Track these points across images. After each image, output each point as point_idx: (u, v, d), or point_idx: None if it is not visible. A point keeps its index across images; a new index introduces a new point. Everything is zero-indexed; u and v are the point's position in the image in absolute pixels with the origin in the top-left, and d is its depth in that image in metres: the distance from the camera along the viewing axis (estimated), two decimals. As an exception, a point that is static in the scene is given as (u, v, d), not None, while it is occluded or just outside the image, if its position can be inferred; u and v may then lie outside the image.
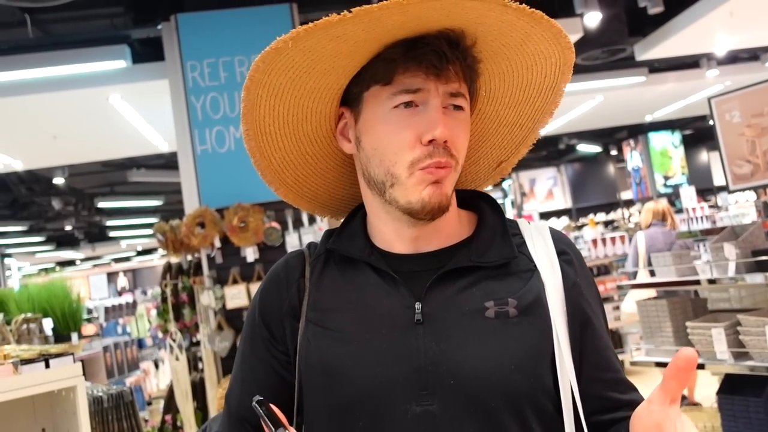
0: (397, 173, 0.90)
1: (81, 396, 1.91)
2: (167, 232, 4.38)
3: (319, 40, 0.84)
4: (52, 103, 6.07)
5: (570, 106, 9.51)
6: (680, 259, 3.17)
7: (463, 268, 0.93)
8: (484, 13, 0.84)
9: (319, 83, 0.92)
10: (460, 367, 0.86)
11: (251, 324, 1.02)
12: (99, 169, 10.38)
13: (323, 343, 0.92)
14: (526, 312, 0.90)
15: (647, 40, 7.07)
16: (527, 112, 1.02)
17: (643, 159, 13.16)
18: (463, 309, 0.90)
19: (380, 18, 0.81)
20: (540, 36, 0.90)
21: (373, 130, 0.92)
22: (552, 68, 0.96)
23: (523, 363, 0.88)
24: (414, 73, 0.88)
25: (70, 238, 18.24)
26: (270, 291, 1.02)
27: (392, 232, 0.96)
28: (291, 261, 1.03)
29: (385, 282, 0.93)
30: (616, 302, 6.86)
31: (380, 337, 0.90)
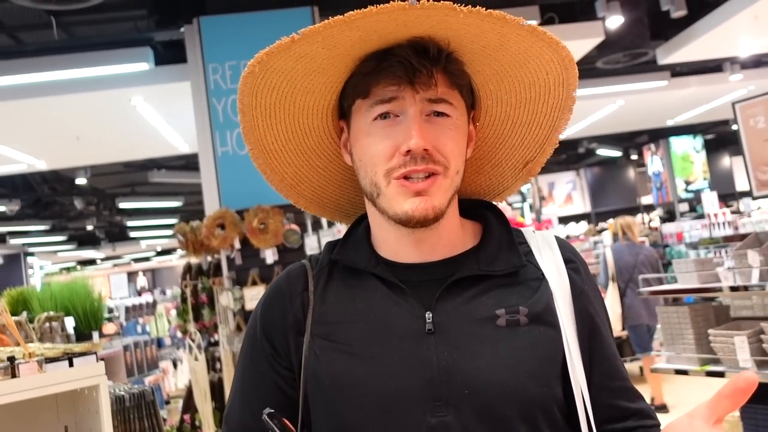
0: (378, 183, 0.91)
1: (104, 395, 1.93)
2: (188, 233, 4.42)
3: (286, 61, 0.87)
4: (75, 105, 6.15)
5: (590, 110, 9.44)
6: (702, 266, 3.14)
7: (472, 277, 0.92)
8: (442, 19, 0.82)
9: (306, 101, 0.95)
10: (474, 377, 0.86)
11: (252, 339, 1.00)
12: (120, 169, 10.49)
13: (332, 356, 0.91)
14: (536, 320, 0.90)
15: (669, 43, 7.00)
16: (542, 110, 0.99)
17: (664, 163, 13.03)
18: (474, 318, 0.90)
19: (333, 35, 0.83)
20: (516, 35, 0.87)
21: (358, 143, 0.93)
22: (551, 64, 0.93)
23: (536, 371, 0.88)
24: (386, 85, 0.88)
25: (91, 237, 18.45)
26: (272, 305, 0.99)
27: (396, 240, 0.95)
28: (293, 274, 1.01)
29: (392, 292, 0.92)
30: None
31: (391, 349, 0.88)
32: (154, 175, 10.41)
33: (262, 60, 0.87)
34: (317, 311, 0.95)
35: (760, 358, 2.74)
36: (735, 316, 3.21)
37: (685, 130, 12.66)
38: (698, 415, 0.72)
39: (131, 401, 2.22)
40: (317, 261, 1.01)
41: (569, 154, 14.16)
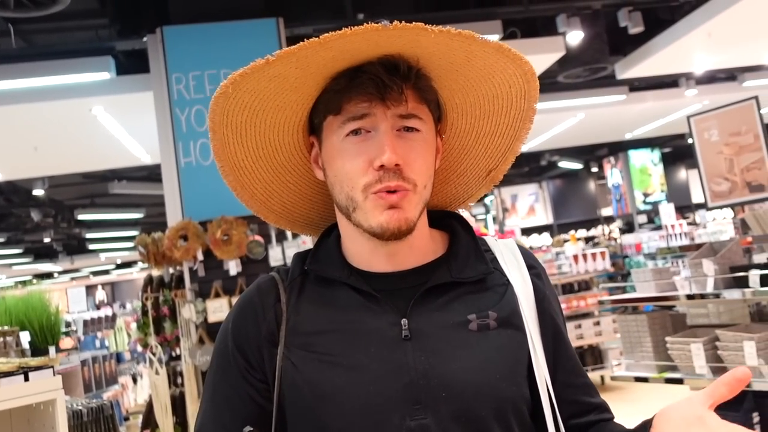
0: (355, 198, 0.92)
1: (60, 410, 1.89)
2: (149, 244, 4.35)
3: (258, 81, 0.89)
4: (34, 114, 6.02)
5: (552, 123, 9.61)
6: (660, 275, 3.21)
7: (445, 284, 0.96)
8: (412, 38, 0.86)
9: (277, 118, 0.97)
10: (451, 380, 0.89)
11: (223, 354, 0.99)
12: (79, 180, 10.28)
13: (310, 366, 0.92)
14: (504, 324, 0.95)
15: (628, 59, 7.19)
16: (504, 121, 1.04)
17: (623, 176, 13.33)
18: (447, 323, 0.93)
19: (307, 56, 0.86)
20: (483, 52, 0.91)
21: (332, 159, 0.95)
22: (514, 78, 0.97)
23: (506, 372, 0.93)
24: (358, 101, 0.91)
25: (48, 250, 18.01)
26: (244, 318, 0.99)
27: (369, 252, 0.97)
28: (264, 286, 1.01)
29: (367, 301, 0.94)
30: (597, 318, 6.91)
31: (369, 356, 0.91)
32: (115, 186, 10.23)
33: (235, 81, 0.89)
34: (292, 322, 0.96)
35: (715, 364, 2.81)
36: (691, 324, 3.29)
37: (643, 143, 12.99)
38: (696, 399, 0.77)
39: (89, 416, 2.17)
40: (287, 272, 1.02)
41: (532, 167, 14.37)
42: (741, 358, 2.68)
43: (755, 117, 3.13)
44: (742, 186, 3.17)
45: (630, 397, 6.34)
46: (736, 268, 2.85)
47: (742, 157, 3.17)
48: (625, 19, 6.05)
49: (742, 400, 2.75)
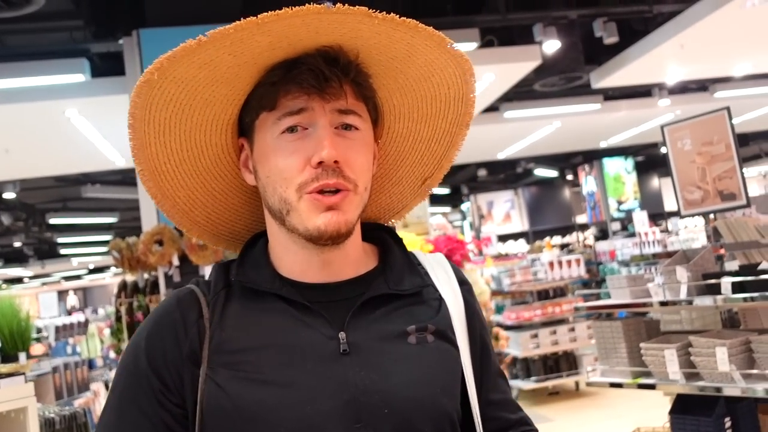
0: (289, 199, 0.87)
1: (32, 417, 1.86)
2: (123, 249, 4.29)
3: (188, 68, 0.82)
4: (6, 116, 5.93)
5: (528, 131, 9.71)
6: (634, 282, 3.25)
7: (382, 296, 0.92)
8: (354, 26, 0.82)
9: (205, 115, 0.89)
10: (392, 395, 0.86)
11: (133, 375, 0.88)
12: (52, 184, 10.13)
13: (238, 387, 0.84)
14: (441, 337, 0.93)
15: (602, 68, 7.29)
16: (442, 126, 1.01)
17: (598, 184, 13.49)
18: (386, 336, 0.90)
19: (242, 40, 0.79)
20: (425, 45, 0.88)
21: (265, 159, 0.89)
22: (453, 78, 0.94)
23: (445, 386, 0.92)
24: (296, 95, 0.86)
25: (18, 254, 17.67)
26: (162, 335, 0.89)
27: (303, 261, 0.92)
28: (184, 301, 0.91)
29: (301, 314, 0.89)
30: (571, 324, 6.98)
31: (306, 373, 0.85)
32: (88, 189, 10.09)
33: (162, 66, 0.80)
34: (216, 339, 0.87)
35: (688, 370, 2.85)
36: (665, 330, 3.34)
37: (617, 151, 13.17)
38: None
39: (62, 424, 2.14)
40: (208, 285, 0.93)
41: (508, 174, 14.48)
42: (713, 363, 2.73)
43: (726, 127, 3.19)
44: (714, 195, 3.23)
45: (605, 402, 6.41)
46: (709, 276, 2.90)
47: (714, 167, 3.23)
48: (600, 30, 6.15)
49: (714, 406, 2.79)
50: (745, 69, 7.71)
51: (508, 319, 6.97)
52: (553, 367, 6.90)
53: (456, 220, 18.15)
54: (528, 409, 6.77)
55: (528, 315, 6.89)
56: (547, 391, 7.11)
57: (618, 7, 6.29)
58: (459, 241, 4.22)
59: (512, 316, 6.95)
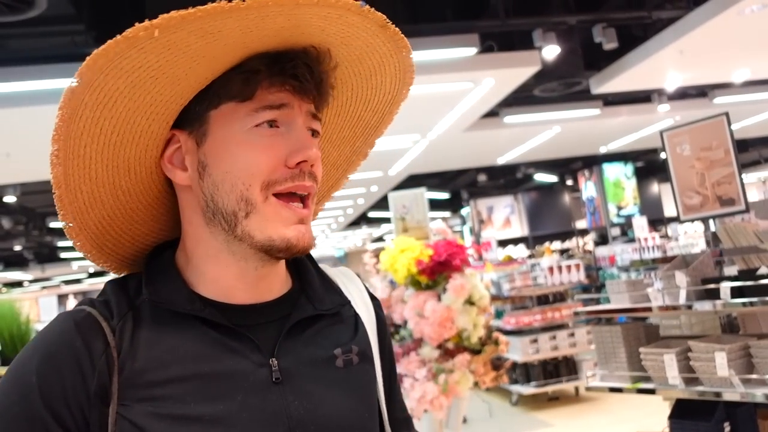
0: (252, 198, 0.78)
1: (33, 419, 1.86)
2: (124, 253, 4.30)
3: (188, 35, 0.70)
4: (6, 120, 5.93)
5: (527, 136, 9.72)
6: (634, 287, 3.26)
7: (309, 318, 0.87)
8: (357, 32, 0.79)
9: (164, 93, 0.77)
10: (327, 424, 0.82)
11: (23, 419, 0.73)
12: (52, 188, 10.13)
13: (159, 425, 0.74)
14: (363, 358, 0.90)
15: (602, 74, 7.31)
16: (359, 130, 0.97)
17: (597, 189, 13.50)
18: (316, 361, 0.85)
19: (265, 17, 0.71)
20: (392, 66, 0.87)
21: (227, 153, 0.79)
22: (393, 84, 0.91)
23: (370, 408, 0.89)
24: (279, 88, 0.80)
25: (19, 258, 17.68)
26: (60, 369, 0.74)
27: (234, 277, 0.83)
28: (84, 326, 0.77)
29: (228, 339, 0.80)
30: (571, 329, 6.98)
31: (237, 405, 0.77)
32: (88, 194, 10.10)
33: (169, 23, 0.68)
34: (128, 372, 0.76)
35: (688, 375, 2.86)
36: (664, 335, 3.34)
37: (617, 157, 13.18)
38: None
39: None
40: (107, 306, 0.81)
41: (507, 179, 14.50)
42: (712, 368, 2.73)
43: (726, 132, 3.20)
44: (713, 200, 3.24)
45: (604, 407, 6.41)
46: (708, 280, 2.90)
47: (713, 172, 3.24)
48: (599, 35, 6.16)
49: (713, 411, 2.80)
50: (744, 75, 7.73)
51: (507, 324, 6.97)
52: (552, 372, 6.90)
53: (456, 225, 18.15)
54: (528, 414, 6.78)
55: (528, 320, 6.90)
56: (546, 396, 7.10)
57: (617, 13, 6.31)
58: (459, 245, 4.23)
59: (512, 321, 6.95)
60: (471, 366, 4.00)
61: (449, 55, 5.82)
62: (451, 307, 3.97)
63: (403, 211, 5.22)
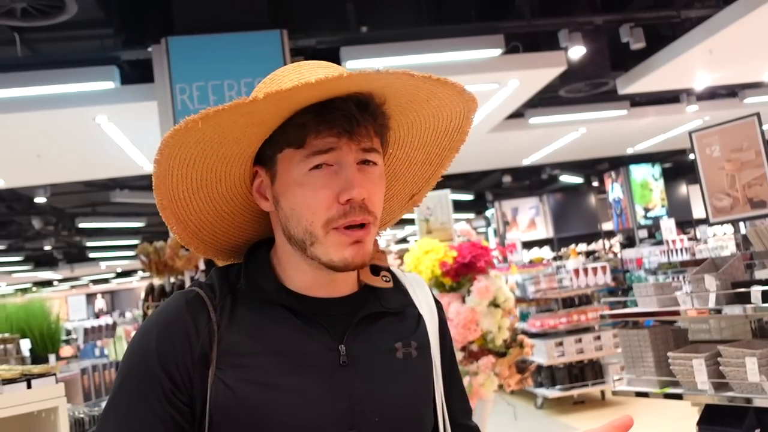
0: (315, 232, 0.92)
1: (63, 417, 1.89)
2: (151, 253, 4.35)
3: (230, 115, 0.86)
4: (37, 122, 6.05)
5: (553, 137, 9.64)
6: (662, 290, 3.21)
7: (375, 313, 1.00)
8: (392, 82, 0.89)
9: (231, 150, 0.94)
10: (384, 406, 0.94)
11: (142, 375, 0.90)
12: (81, 189, 10.31)
13: (246, 389, 0.89)
14: (421, 352, 1.02)
15: (629, 74, 7.22)
16: (435, 151, 1.09)
17: (624, 191, 13.33)
18: (378, 351, 0.98)
19: (291, 96, 0.84)
20: (445, 93, 0.95)
21: (290, 192, 0.93)
22: (456, 114, 1.01)
23: (425, 398, 1.01)
24: (327, 134, 0.90)
25: (48, 258, 18.02)
26: (173, 336, 0.91)
27: (311, 279, 0.97)
28: (192, 302, 0.95)
29: (305, 325, 0.95)
30: (597, 332, 6.90)
31: (308, 380, 0.91)
32: (117, 194, 10.25)
33: (208, 116, 0.85)
34: (225, 342, 0.92)
35: (717, 380, 2.81)
36: (693, 339, 3.29)
37: (644, 158, 13.01)
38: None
39: (91, 424, 2.17)
40: (212, 289, 0.97)
41: (533, 181, 14.39)
42: (743, 374, 2.68)
43: (756, 133, 3.14)
44: (744, 202, 3.18)
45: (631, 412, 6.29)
46: (738, 284, 2.85)
47: (743, 173, 3.18)
48: (626, 35, 6.09)
49: (743, 417, 2.75)
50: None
51: (532, 327, 6.92)
52: (578, 376, 6.83)
53: (480, 227, 18.07)
54: (553, 417, 6.71)
55: (553, 323, 6.84)
56: (572, 399, 7.03)
57: (645, 13, 6.24)
58: (483, 247, 4.20)
59: (537, 323, 6.90)
60: (496, 368, 3.98)
61: (474, 56, 5.80)
62: (476, 309, 3.95)
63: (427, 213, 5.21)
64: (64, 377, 4.50)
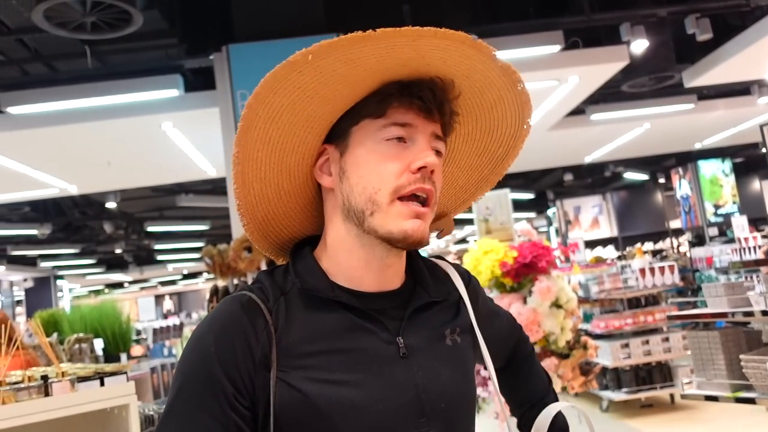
0: (379, 200, 0.93)
1: (133, 414, 1.96)
2: (215, 256, 4.47)
3: (334, 61, 0.88)
4: (107, 130, 6.30)
5: (616, 134, 9.40)
6: (733, 290, 3.09)
7: (424, 304, 1.02)
8: (474, 65, 0.93)
9: (318, 110, 0.95)
10: (444, 392, 0.97)
11: (204, 380, 0.90)
12: (149, 194, 10.67)
13: (313, 387, 0.90)
14: (465, 335, 1.06)
15: (696, 67, 6.97)
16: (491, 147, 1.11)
17: (692, 187, 12.86)
18: (432, 340, 1.01)
19: (394, 46, 0.87)
20: (510, 100, 1.00)
21: (362, 160, 0.95)
22: (513, 120, 1.05)
23: (471, 378, 1.06)
24: (407, 109, 0.94)
25: (119, 260, 18.72)
26: (233, 340, 0.91)
27: (363, 265, 0.98)
28: (248, 306, 0.94)
29: (362, 320, 0.96)
30: (665, 334, 6.68)
31: (373, 375, 0.93)
32: (182, 199, 10.56)
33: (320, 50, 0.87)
34: (284, 344, 0.92)
35: (794, 384, 2.69)
36: (767, 341, 3.15)
37: (714, 153, 12.52)
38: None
39: (159, 421, 2.24)
40: (263, 292, 0.97)
41: (595, 178, 14.06)
42: (822, 378, 2.55)
43: (835, 125, 2.98)
44: (822, 197, 3.03)
45: (701, 417, 6.10)
46: (816, 284, 2.72)
47: (821, 167, 3.02)
48: (692, 27, 5.88)
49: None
50: None
51: (596, 328, 6.76)
52: (645, 379, 6.63)
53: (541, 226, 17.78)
54: (619, 421, 6.54)
55: (618, 324, 6.66)
56: (639, 403, 6.83)
57: (712, 2, 6.00)
58: (544, 247, 4.14)
59: (601, 324, 6.73)
60: (558, 370, 3.91)
61: (532, 53, 5.72)
62: (537, 310, 3.89)
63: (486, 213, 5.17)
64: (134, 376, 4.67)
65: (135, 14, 4.36)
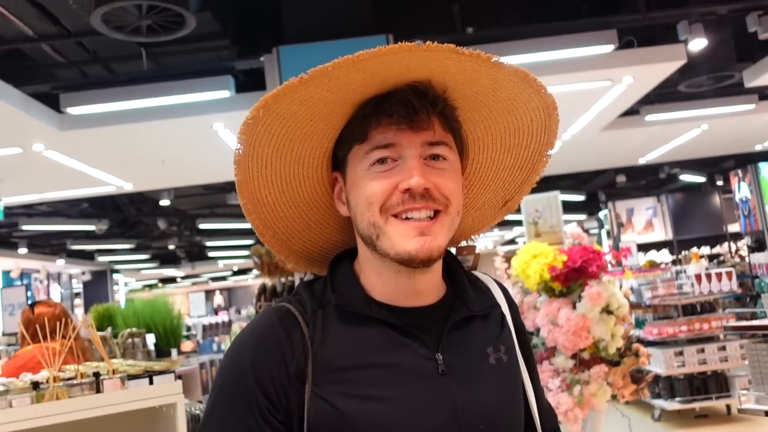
0: (376, 222, 0.91)
1: (180, 413, 2.00)
2: (263, 255, 4.53)
3: (289, 105, 0.87)
4: (161, 130, 6.46)
5: (672, 135, 9.14)
6: (795, 301, 2.96)
7: (464, 319, 0.99)
8: (442, 62, 0.87)
9: (303, 149, 0.95)
10: (484, 412, 0.93)
11: (239, 392, 0.90)
12: (201, 191, 10.89)
13: (347, 402, 0.88)
14: (510, 355, 1.02)
15: (757, 66, 6.72)
16: (523, 154, 1.05)
17: (753, 190, 12.39)
18: (473, 357, 0.97)
19: (339, 77, 0.85)
20: (509, 80, 0.92)
21: (356, 188, 0.93)
22: (536, 111, 0.98)
23: (517, 400, 1.01)
24: (386, 128, 0.90)
25: (172, 256, 19.19)
26: (268, 354, 0.91)
27: (394, 286, 0.96)
28: (285, 319, 0.94)
29: (399, 336, 0.93)
30: (722, 342, 6.46)
31: (410, 392, 0.90)
32: (233, 197, 10.74)
33: (267, 104, 0.87)
34: (320, 358, 0.91)
35: None
36: (832, 356, 3.01)
37: (776, 155, 12.05)
38: None
39: (206, 420, 2.28)
40: (302, 304, 0.96)
41: (649, 180, 13.70)
42: None
43: None
44: None
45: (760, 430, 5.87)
46: None
47: None
48: (754, 24, 5.67)
49: None
50: None
51: (649, 335, 6.58)
52: (700, 388, 6.43)
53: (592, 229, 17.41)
54: (672, 431, 6.35)
55: (672, 331, 6.47)
56: (693, 413, 6.63)
57: (776, -1, 5.77)
58: (595, 251, 4.04)
59: (654, 331, 6.56)
60: (609, 378, 3.81)
61: (585, 53, 5.60)
62: (587, 315, 3.80)
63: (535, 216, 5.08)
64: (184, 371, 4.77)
65: (188, 17, 4.45)
